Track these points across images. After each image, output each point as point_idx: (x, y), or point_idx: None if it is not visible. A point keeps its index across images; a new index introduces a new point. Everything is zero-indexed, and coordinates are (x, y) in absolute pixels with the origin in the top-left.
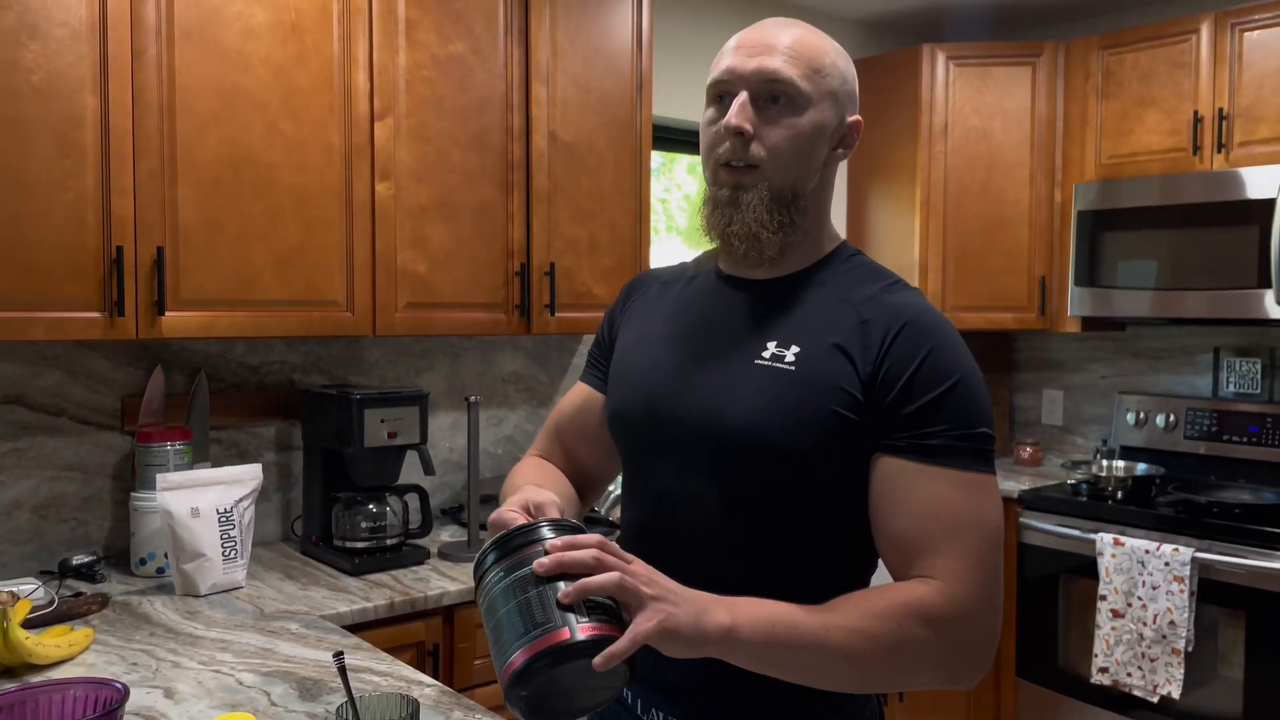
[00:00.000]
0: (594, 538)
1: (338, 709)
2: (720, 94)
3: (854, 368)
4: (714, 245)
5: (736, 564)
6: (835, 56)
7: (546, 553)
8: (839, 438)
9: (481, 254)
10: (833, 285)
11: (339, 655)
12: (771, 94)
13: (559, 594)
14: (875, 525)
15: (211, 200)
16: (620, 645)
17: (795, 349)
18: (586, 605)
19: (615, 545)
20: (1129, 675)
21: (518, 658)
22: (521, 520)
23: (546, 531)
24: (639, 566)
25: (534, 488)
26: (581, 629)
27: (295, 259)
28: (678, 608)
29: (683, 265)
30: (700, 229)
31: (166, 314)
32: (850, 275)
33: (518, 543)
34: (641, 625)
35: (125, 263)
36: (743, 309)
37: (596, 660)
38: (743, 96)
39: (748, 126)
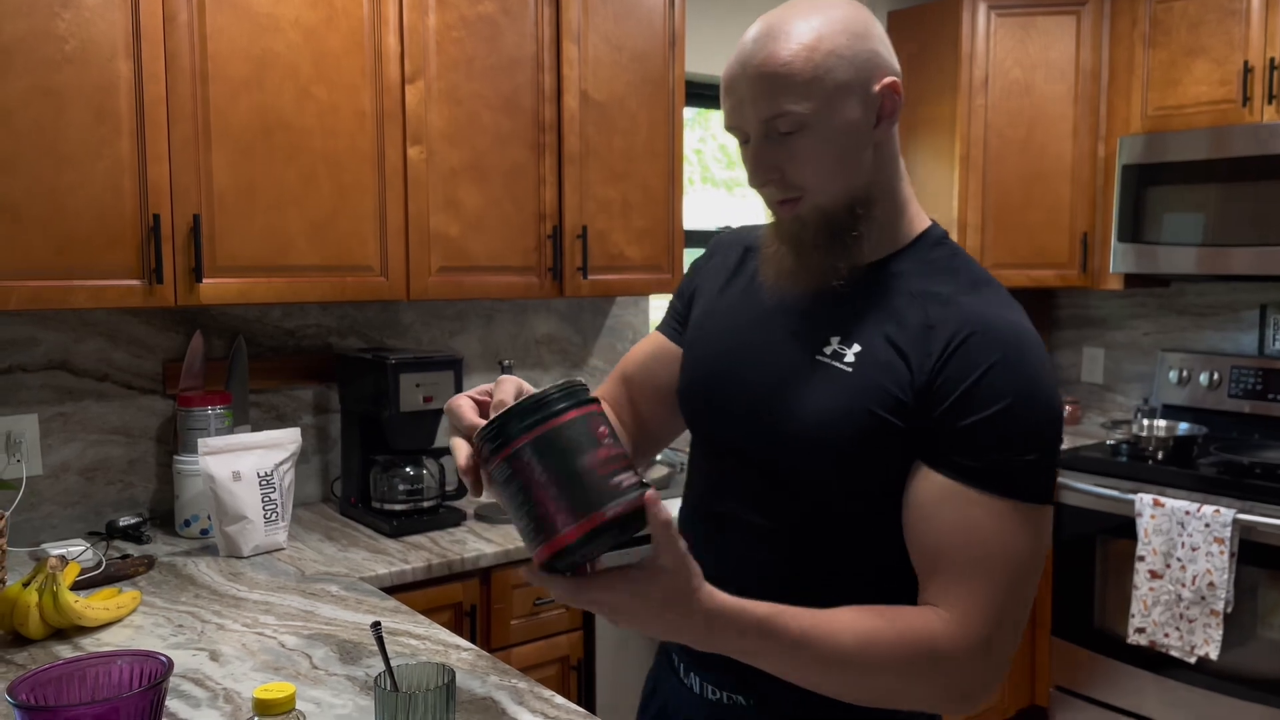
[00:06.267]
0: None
1: (376, 678)
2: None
3: (909, 371)
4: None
5: (779, 553)
6: (831, 40)
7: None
8: (884, 441)
9: (513, 217)
10: (909, 278)
11: (376, 625)
12: (779, 130)
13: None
14: (905, 529)
15: (245, 167)
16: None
17: (856, 348)
18: None
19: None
20: (1166, 636)
21: None
22: (472, 413)
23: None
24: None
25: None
26: None
27: (329, 224)
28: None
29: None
30: (773, 256)
31: (204, 280)
32: (930, 268)
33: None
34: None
35: (162, 230)
36: (812, 297)
37: None
38: (755, 142)
39: (773, 175)
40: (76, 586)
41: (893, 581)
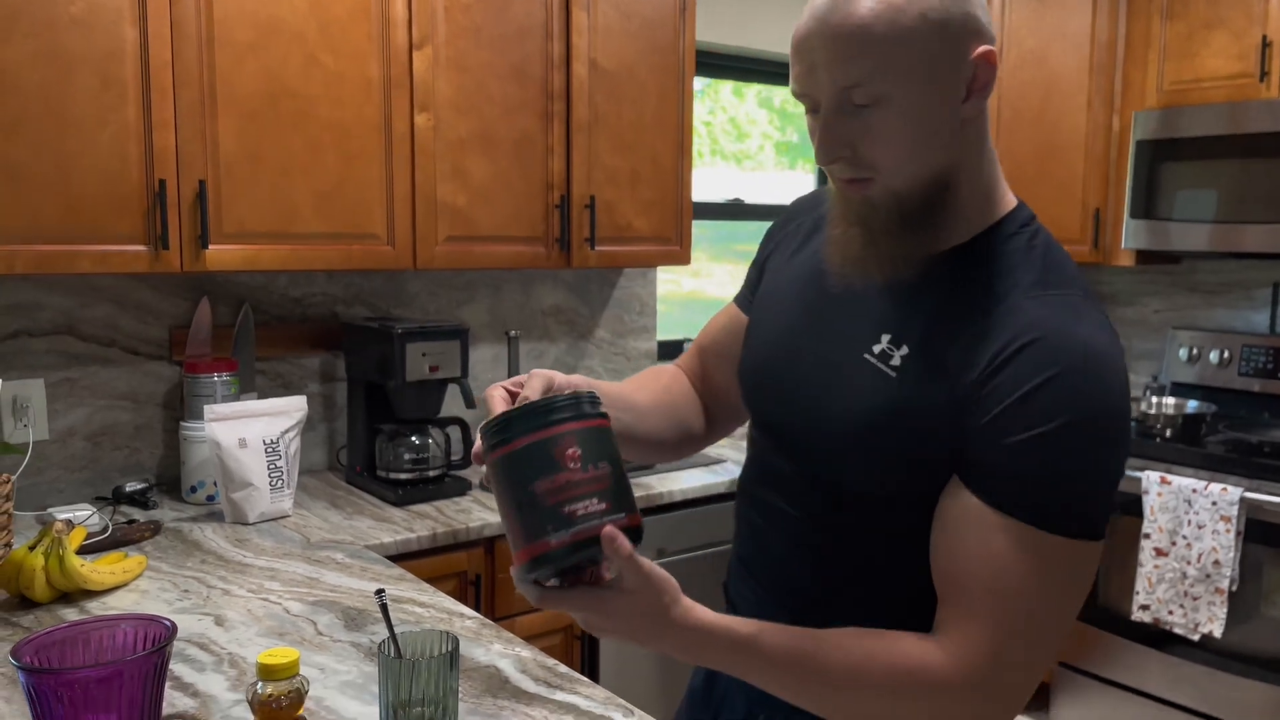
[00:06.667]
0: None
1: (379, 644)
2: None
3: (955, 381)
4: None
5: (808, 548)
6: (920, 3)
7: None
8: (919, 454)
9: (521, 186)
10: (976, 271)
11: (380, 593)
12: (854, 101)
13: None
14: (931, 545)
15: (251, 133)
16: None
17: (904, 350)
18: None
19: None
20: (1170, 613)
21: None
22: (502, 405)
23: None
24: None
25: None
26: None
27: (335, 192)
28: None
29: None
30: (839, 239)
31: (210, 247)
32: (1001, 261)
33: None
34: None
35: (168, 196)
36: (874, 284)
37: None
38: (826, 113)
39: (844, 152)
40: (83, 551)
41: (925, 594)
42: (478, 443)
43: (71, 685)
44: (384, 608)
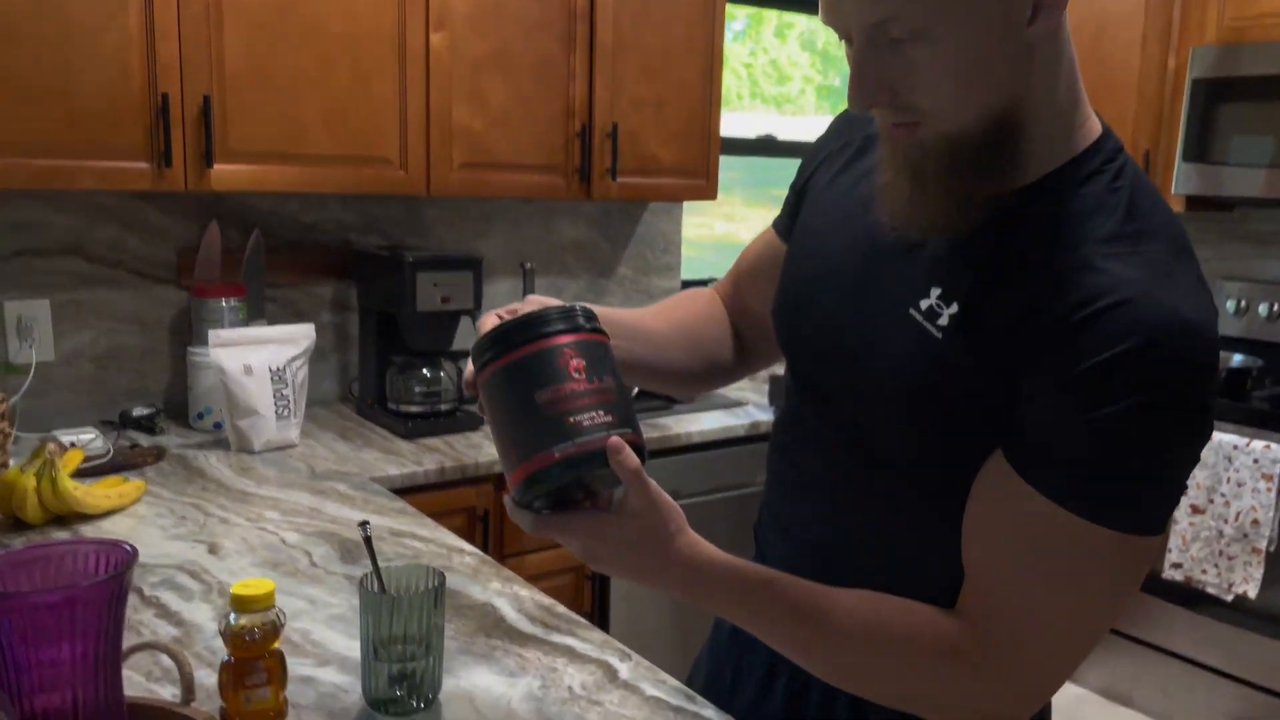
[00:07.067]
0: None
1: (361, 578)
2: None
3: (1011, 347)
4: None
5: (837, 508)
6: None
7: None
8: (962, 425)
9: (540, 112)
10: (1051, 218)
11: (364, 525)
12: (889, 35)
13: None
14: (965, 516)
15: (259, 47)
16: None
17: (954, 308)
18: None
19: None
20: (1204, 572)
21: None
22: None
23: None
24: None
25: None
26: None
27: (346, 112)
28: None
29: None
30: (889, 187)
31: (215, 166)
32: (1081, 205)
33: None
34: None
35: (171, 111)
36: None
37: None
38: (859, 48)
39: (880, 95)
40: (82, 474)
41: (954, 568)
42: (468, 369)
43: (19, 610)
44: (367, 540)
